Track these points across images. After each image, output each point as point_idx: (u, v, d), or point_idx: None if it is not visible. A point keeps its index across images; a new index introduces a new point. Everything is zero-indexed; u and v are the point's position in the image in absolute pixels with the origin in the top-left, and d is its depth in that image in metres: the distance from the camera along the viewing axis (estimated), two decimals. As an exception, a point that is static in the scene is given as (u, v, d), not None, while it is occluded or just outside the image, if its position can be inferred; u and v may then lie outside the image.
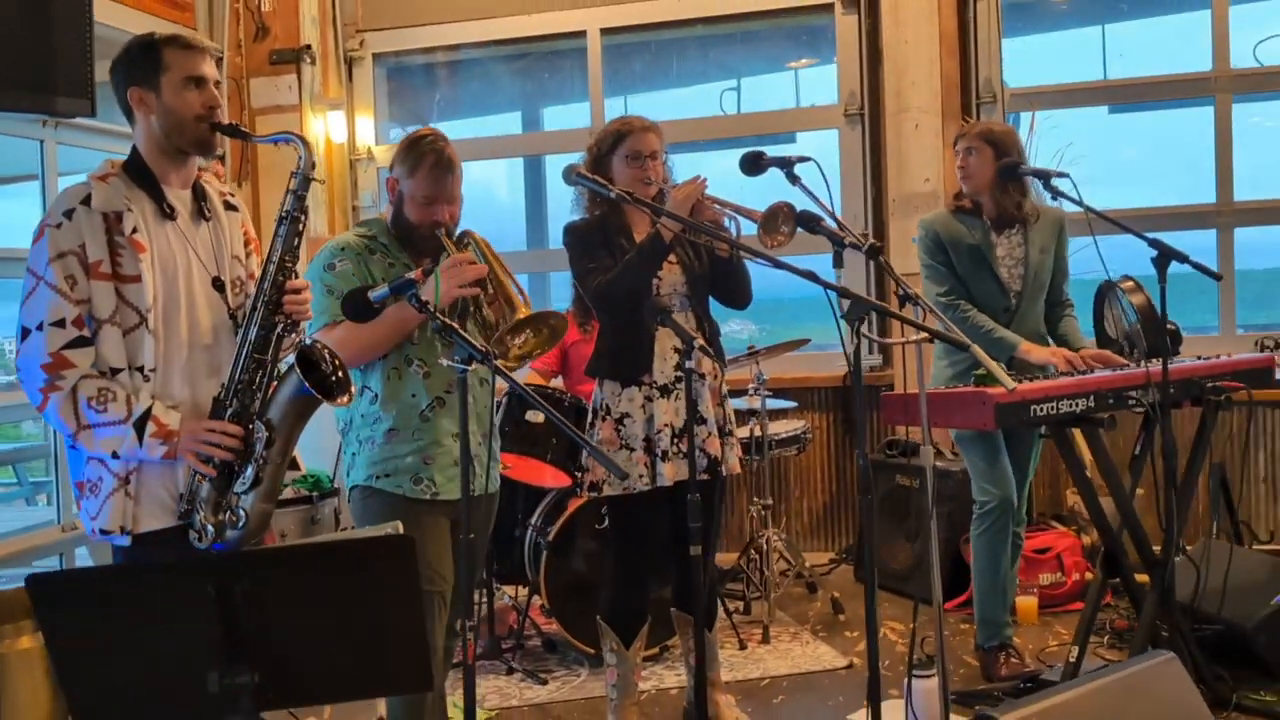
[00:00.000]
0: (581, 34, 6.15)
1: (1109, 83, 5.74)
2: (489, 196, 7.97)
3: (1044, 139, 5.43)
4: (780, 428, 5.15)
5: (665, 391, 3.46)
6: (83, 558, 4.91)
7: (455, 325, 2.43)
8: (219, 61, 6.04)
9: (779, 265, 2.81)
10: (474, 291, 2.88)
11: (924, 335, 2.66)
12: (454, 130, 7.21)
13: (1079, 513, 5.10)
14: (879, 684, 2.59)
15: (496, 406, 3.78)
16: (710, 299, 3.65)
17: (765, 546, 4.97)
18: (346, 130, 6.39)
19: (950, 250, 3.95)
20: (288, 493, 4.74)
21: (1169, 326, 3.82)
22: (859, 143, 5.77)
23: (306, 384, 2.49)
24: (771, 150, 3.11)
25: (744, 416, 5.28)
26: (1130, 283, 3.94)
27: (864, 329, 2.68)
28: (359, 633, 1.95)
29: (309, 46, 6.15)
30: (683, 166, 3.70)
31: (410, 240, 3.01)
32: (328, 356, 2.61)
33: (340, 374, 2.60)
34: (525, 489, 4.56)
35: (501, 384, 2.78)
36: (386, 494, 2.95)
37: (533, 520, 4.55)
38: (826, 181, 2.90)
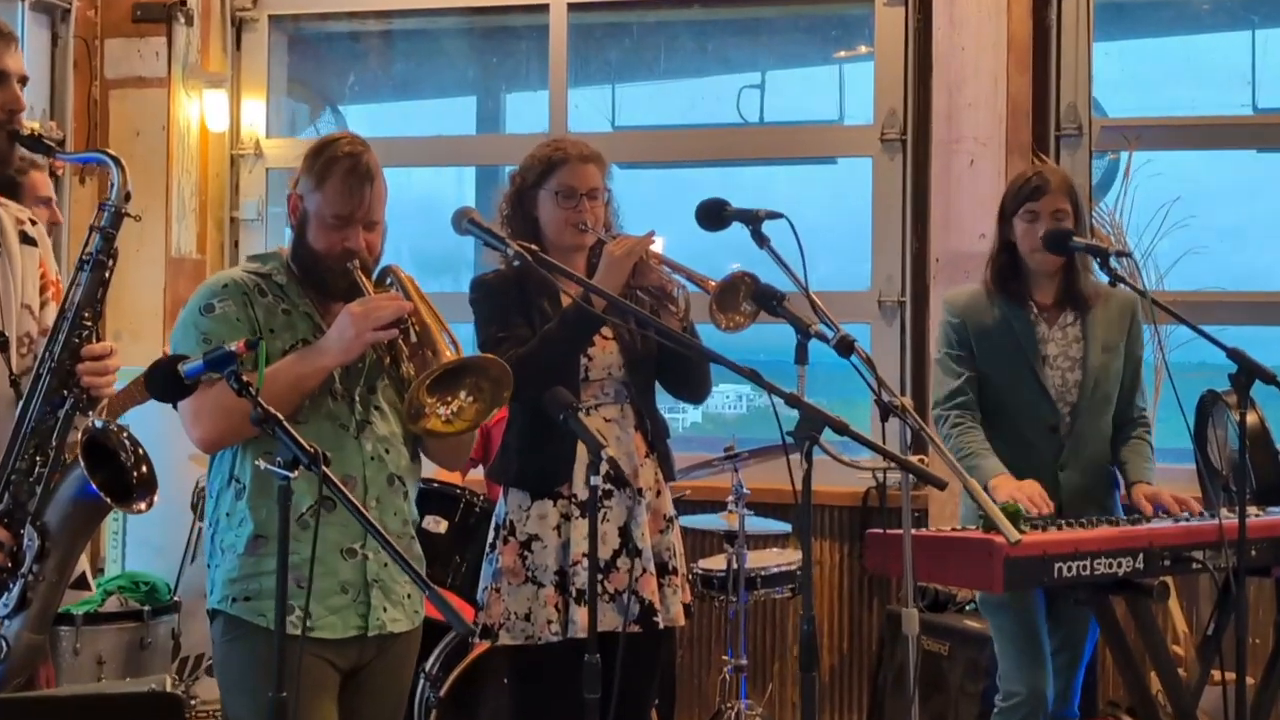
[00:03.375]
0: (544, 7, 6.32)
1: (1257, 118, 5.79)
2: (429, 214, 8.18)
3: (1144, 188, 5.51)
4: (768, 559, 5.23)
5: (586, 509, 3.50)
6: None
7: (278, 416, 2.55)
8: (64, 13, 6.23)
9: (709, 357, 2.98)
10: (390, 335, 2.99)
11: (890, 463, 2.84)
12: (379, 118, 7.41)
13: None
14: None
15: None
16: (657, 387, 3.78)
17: (736, 724, 4.99)
18: (229, 115, 6.54)
19: (977, 343, 4.04)
20: (112, 604, 4.86)
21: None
22: (897, 178, 5.88)
23: (92, 483, 2.63)
24: (802, 174, 3.23)
25: (717, 541, 5.36)
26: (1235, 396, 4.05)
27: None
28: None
29: (184, 1, 6.32)
30: (676, 185, 3.80)
31: (314, 277, 3.13)
32: (128, 445, 2.77)
33: (142, 470, 2.76)
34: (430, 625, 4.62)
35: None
36: (245, 625, 3.04)
37: (426, 665, 4.61)
38: (801, 247, 3.09)
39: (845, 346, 2.92)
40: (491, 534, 3.72)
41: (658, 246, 3.65)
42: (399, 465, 3.17)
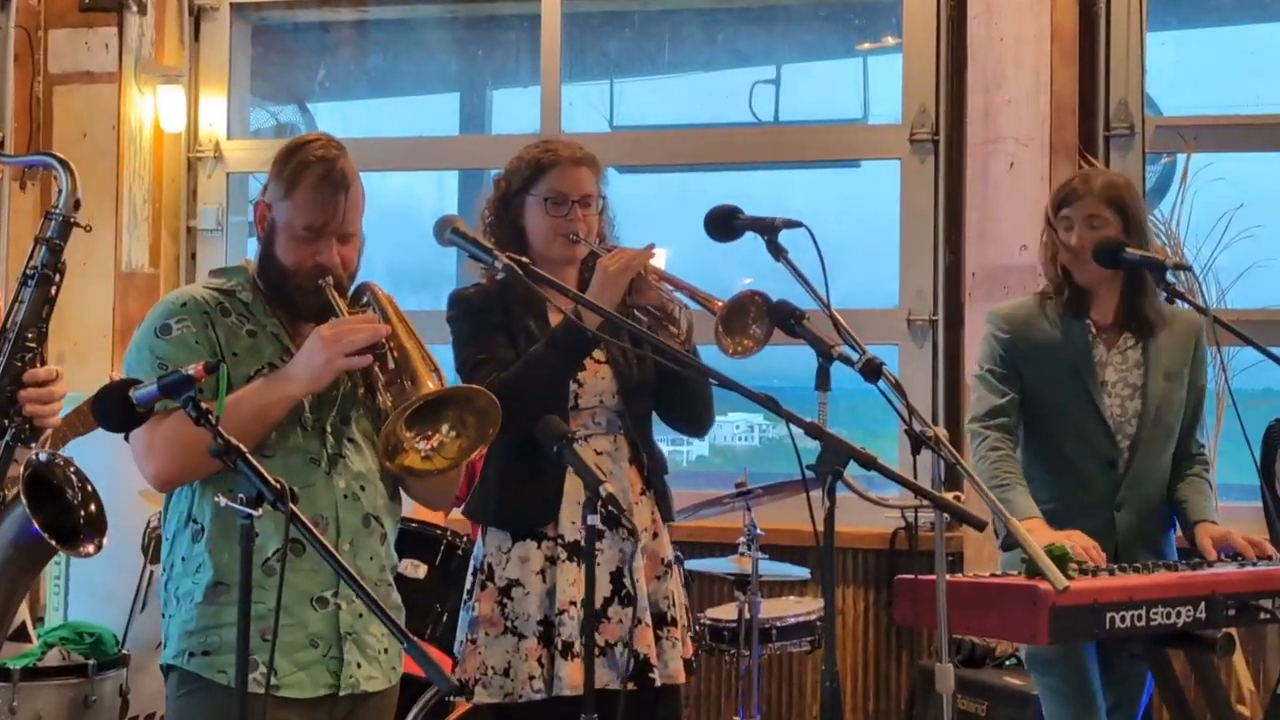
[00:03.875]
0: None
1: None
2: (407, 224, 8.13)
3: (1204, 194, 5.47)
4: (784, 608, 5.18)
5: (576, 552, 3.52)
6: None
7: (240, 448, 2.54)
8: (3, 0, 6.20)
9: (719, 381, 2.95)
10: (364, 362, 2.96)
11: (922, 501, 2.78)
12: (351, 116, 7.43)
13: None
14: None
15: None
16: (654, 417, 3.74)
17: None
18: (186, 114, 6.49)
19: (1028, 363, 4.01)
20: (53, 657, 4.81)
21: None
22: (928, 183, 5.87)
23: (35, 523, 2.57)
24: (822, 179, 3.24)
25: (728, 588, 5.29)
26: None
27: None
28: None
29: (137, -12, 6.32)
30: (680, 191, 3.80)
31: (283, 294, 3.11)
32: (74, 481, 2.70)
33: (91, 509, 2.69)
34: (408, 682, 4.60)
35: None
36: (203, 681, 2.99)
37: (404, 725, 4.59)
38: (822, 259, 3.08)
39: (872, 370, 2.90)
40: (469, 579, 3.69)
41: (658, 261, 3.64)
42: (375, 504, 3.14)
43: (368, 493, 3.12)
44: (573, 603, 3.50)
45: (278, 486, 2.48)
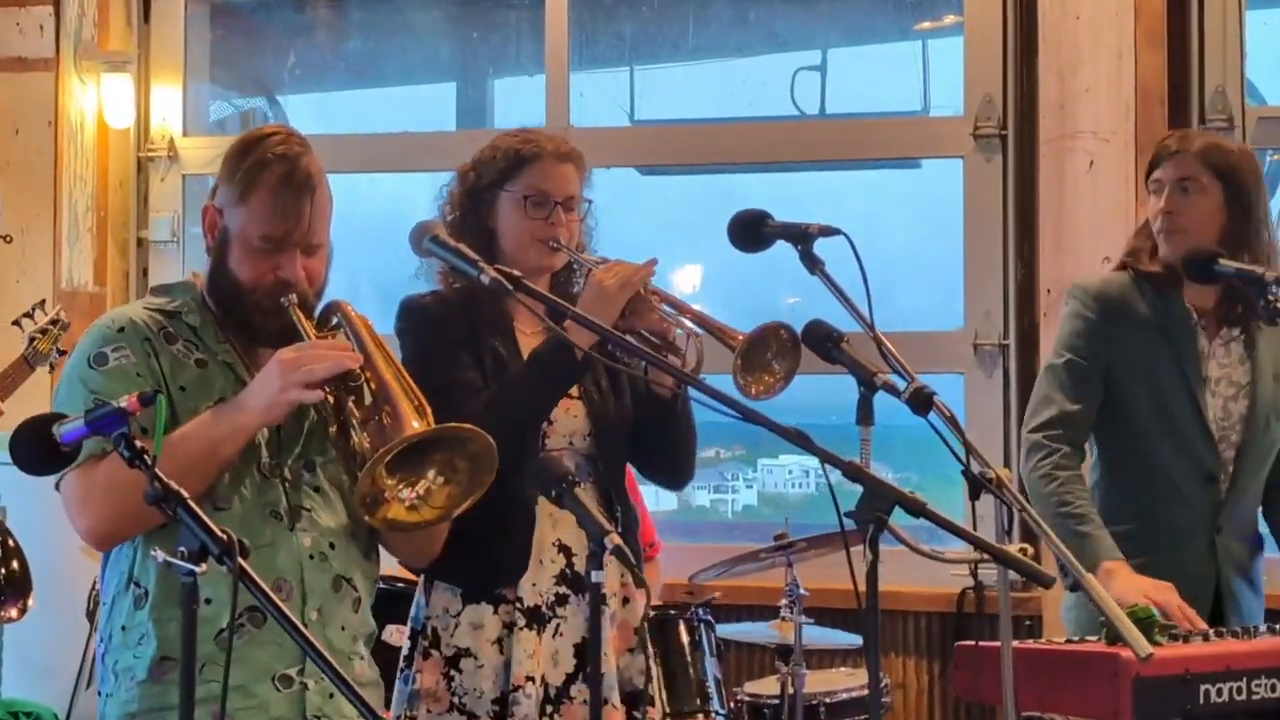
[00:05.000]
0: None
1: None
2: (396, 234, 8.20)
3: None
4: (834, 681, 5.20)
5: (537, 619, 3.54)
6: None
7: (180, 493, 2.50)
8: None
9: (752, 418, 2.91)
10: (317, 395, 2.94)
11: (981, 555, 2.81)
12: (328, 110, 7.49)
13: None
14: None
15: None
16: (628, 464, 3.78)
17: None
18: (136, 107, 6.55)
19: (1120, 349, 3.99)
20: None
21: None
22: (995, 183, 5.91)
23: None
24: (874, 180, 3.21)
25: (769, 657, 5.35)
26: None
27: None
28: None
29: (76, -40, 6.36)
30: (710, 196, 3.76)
31: (237, 315, 3.12)
32: None
33: (12, 567, 2.77)
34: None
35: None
36: None
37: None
38: (864, 270, 3.05)
39: (921, 400, 2.89)
40: (407, 643, 3.70)
41: (689, 279, 3.64)
42: (347, 565, 3.15)
43: (338, 551, 3.12)
44: (529, 678, 3.50)
45: (224, 538, 2.43)
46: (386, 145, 6.78)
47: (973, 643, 3.60)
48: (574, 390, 3.63)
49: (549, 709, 3.51)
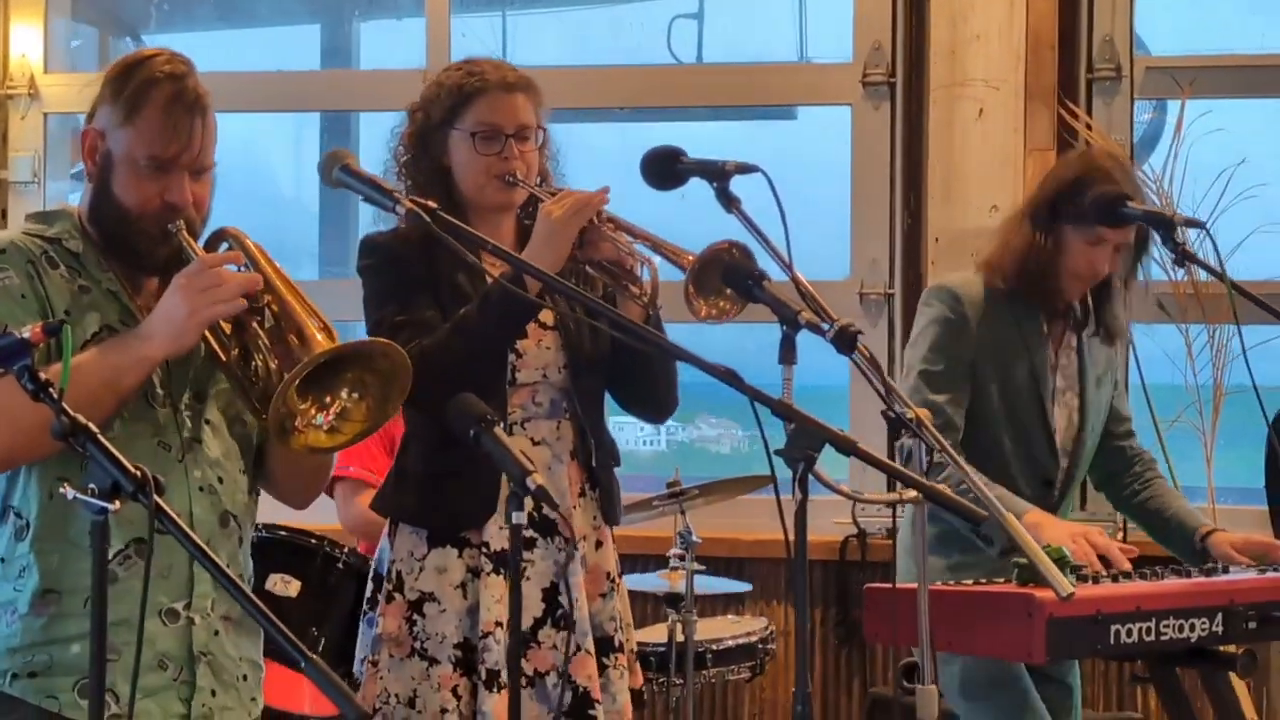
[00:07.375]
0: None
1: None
2: (256, 180, 8.08)
3: (1200, 147, 5.55)
4: (721, 629, 5.22)
5: (504, 563, 3.50)
6: None
7: (91, 428, 2.42)
8: None
9: (674, 353, 2.94)
10: (238, 306, 2.87)
11: (901, 495, 2.81)
12: (194, 49, 7.07)
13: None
14: None
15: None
16: (608, 397, 3.76)
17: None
18: (-6, 43, 6.48)
19: (982, 354, 4.05)
20: None
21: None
22: (883, 134, 5.91)
23: None
24: (761, 131, 3.19)
25: (656, 606, 5.34)
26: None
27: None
28: None
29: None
30: (582, 145, 3.76)
31: (121, 243, 3.02)
32: None
33: None
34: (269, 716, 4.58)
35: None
36: (29, 710, 2.92)
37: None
38: (783, 212, 3.04)
39: (846, 340, 2.83)
40: (370, 586, 3.68)
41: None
42: (235, 500, 3.12)
43: (226, 486, 3.09)
44: (499, 624, 3.48)
45: (138, 475, 2.37)
46: (248, 84, 6.63)
47: (887, 585, 3.63)
48: (549, 320, 3.60)
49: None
